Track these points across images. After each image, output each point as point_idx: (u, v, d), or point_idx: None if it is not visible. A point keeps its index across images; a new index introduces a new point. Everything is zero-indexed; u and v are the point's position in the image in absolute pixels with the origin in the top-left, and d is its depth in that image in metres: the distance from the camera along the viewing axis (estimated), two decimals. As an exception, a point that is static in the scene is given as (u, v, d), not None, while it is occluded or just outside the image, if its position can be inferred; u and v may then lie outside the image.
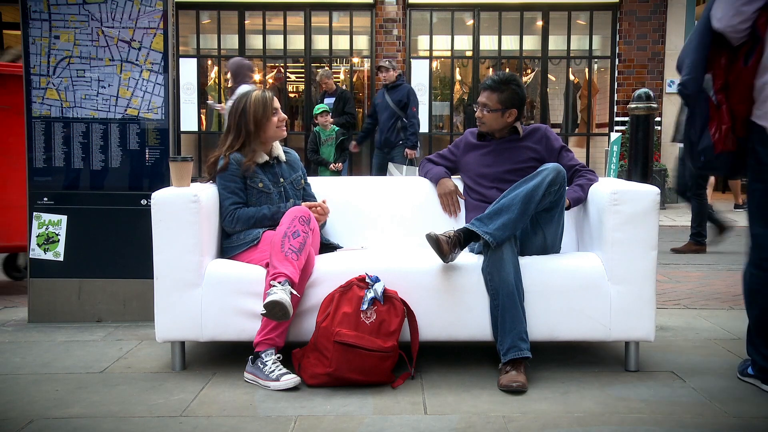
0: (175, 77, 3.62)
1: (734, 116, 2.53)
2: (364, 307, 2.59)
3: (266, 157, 3.06)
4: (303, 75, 11.05)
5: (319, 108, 7.53)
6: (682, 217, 8.55)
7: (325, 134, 7.47)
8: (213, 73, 11.11)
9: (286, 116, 3.11)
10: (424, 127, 10.40)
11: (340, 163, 7.48)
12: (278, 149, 3.15)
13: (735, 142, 2.55)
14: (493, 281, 2.68)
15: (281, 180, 3.09)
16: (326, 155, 7.45)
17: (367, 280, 2.65)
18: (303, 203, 3.04)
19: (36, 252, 3.55)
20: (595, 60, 10.95)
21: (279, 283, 2.56)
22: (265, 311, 2.52)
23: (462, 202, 3.30)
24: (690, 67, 2.59)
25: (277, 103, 3.08)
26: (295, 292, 2.59)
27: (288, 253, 2.63)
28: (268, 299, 2.50)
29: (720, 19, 2.48)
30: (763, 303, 2.58)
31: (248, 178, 2.99)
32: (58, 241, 3.54)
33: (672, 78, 10.17)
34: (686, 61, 2.62)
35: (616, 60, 10.32)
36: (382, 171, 7.45)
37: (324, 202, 3.11)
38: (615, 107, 10.36)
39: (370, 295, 2.60)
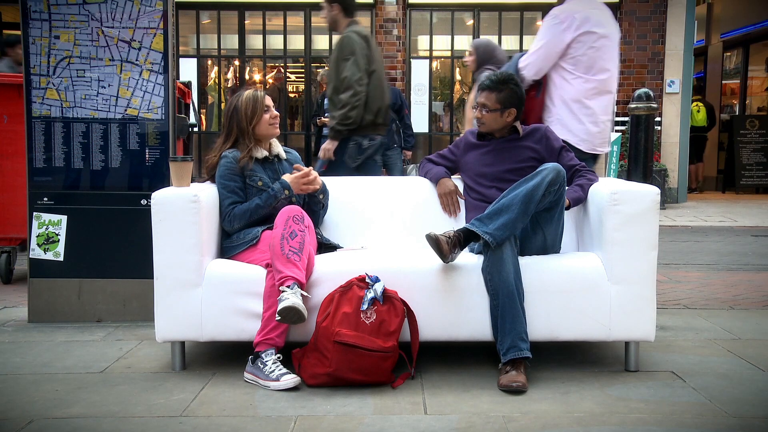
0: (175, 77, 3.60)
1: None
2: (364, 307, 2.59)
3: (265, 153, 3.06)
4: (303, 75, 11.05)
5: None
6: (682, 217, 8.55)
7: None
8: (213, 73, 11.10)
9: (278, 113, 3.11)
10: (424, 127, 10.42)
11: None
12: (278, 147, 3.15)
13: None
14: (493, 281, 2.68)
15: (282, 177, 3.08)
16: None
17: (367, 280, 2.65)
18: (289, 175, 3.03)
19: (36, 252, 3.54)
20: (595, 60, 10.92)
21: (288, 287, 2.56)
22: (280, 318, 2.52)
23: (462, 202, 3.30)
24: None
25: (269, 101, 3.09)
26: (306, 294, 2.59)
27: (290, 255, 2.63)
28: (282, 306, 2.50)
29: (525, 67, 3.57)
30: None
31: (247, 176, 2.99)
32: (58, 241, 3.54)
33: (672, 78, 10.17)
34: None
35: (616, 60, 10.30)
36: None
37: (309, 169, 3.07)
38: (615, 107, 10.35)
39: (370, 295, 2.60)
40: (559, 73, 3.55)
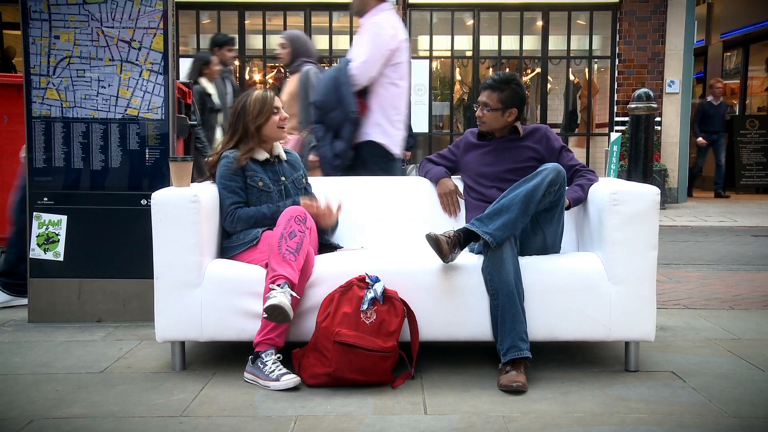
0: (176, 77, 3.61)
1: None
2: (364, 307, 2.59)
3: (266, 155, 3.06)
4: (303, 75, 11.02)
5: None
6: (682, 217, 8.55)
7: None
8: (213, 73, 11.09)
9: (287, 116, 3.11)
10: (424, 127, 10.42)
11: None
12: (278, 148, 3.15)
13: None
14: (493, 281, 2.68)
15: (282, 179, 3.08)
16: None
17: (367, 280, 2.65)
18: (301, 198, 3.03)
19: (36, 252, 3.54)
20: (595, 60, 10.94)
21: (278, 286, 2.56)
22: (266, 315, 2.53)
23: (462, 202, 3.30)
24: (353, 103, 3.65)
25: (278, 102, 3.08)
26: (294, 294, 2.59)
27: (286, 254, 2.63)
28: (268, 303, 2.51)
29: (360, 74, 3.63)
30: None
31: (248, 177, 2.99)
32: (58, 241, 3.54)
33: (672, 78, 10.17)
34: (352, 103, 3.64)
35: (616, 60, 10.31)
36: None
37: (339, 207, 3.05)
38: (615, 107, 10.36)
39: (370, 295, 2.60)
40: (378, 79, 3.69)
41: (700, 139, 10.66)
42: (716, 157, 10.69)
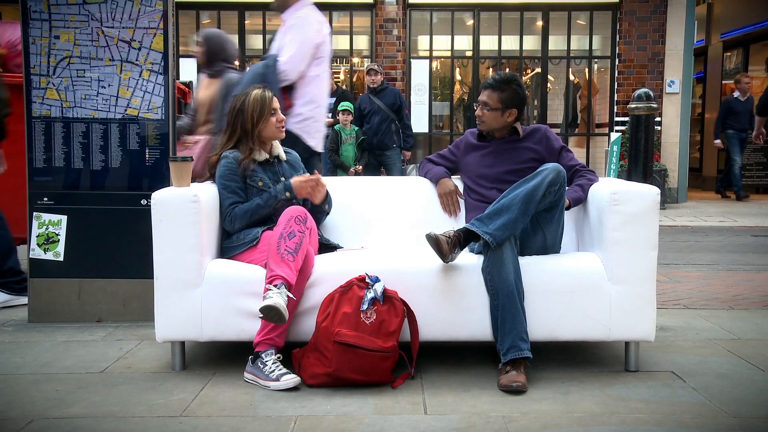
0: (175, 77, 3.61)
1: None
2: (364, 307, 2.59)
3: (266, 155, 3.06)
4: (303, 75, 11.02)
5: (342, 105, 7.45)
6: (682, 217, 8.55)
7: (345, 133, 7.43)
8: (213, 73, 11.09)
9: (284, 117, 3.11)
10: (424, 127, 10.42)
11: (360, 166, 7.40)
12: (278, 148, 3.15)
13: None
14: (493, 281, 2.68)
15: (282, 179, 3.08)
16: (347, 154, 7.41)
17: (367, 280, 2.65)
18: (293, 179, 3.03)
19: (36, 252, 3.54)
20: (595, 60, 10.94)
21: (275, 286, 2.56)
22: (262, 315, 2.53)
23: (462, 202, 3.30)
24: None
25: (276, 104, 3.08)
26: (291, 295, 2.59)
27: (284, 255, 2.63)
28: (263, 304, 2.51)
29: (290, 69, 3.61)
30: None
31: (248, 177, 2.99)
32: (58, 241, 3.54)
33: (672, 78, 10.17)
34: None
35: (616, 60, 10.31)
36: (376, 172, 7.46)
37: (316, 173, 3.06)
38: (615, 107, 10.36)
39: (370, 295, 2.60)
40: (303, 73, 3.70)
41: (717, 141, 10.53)
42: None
